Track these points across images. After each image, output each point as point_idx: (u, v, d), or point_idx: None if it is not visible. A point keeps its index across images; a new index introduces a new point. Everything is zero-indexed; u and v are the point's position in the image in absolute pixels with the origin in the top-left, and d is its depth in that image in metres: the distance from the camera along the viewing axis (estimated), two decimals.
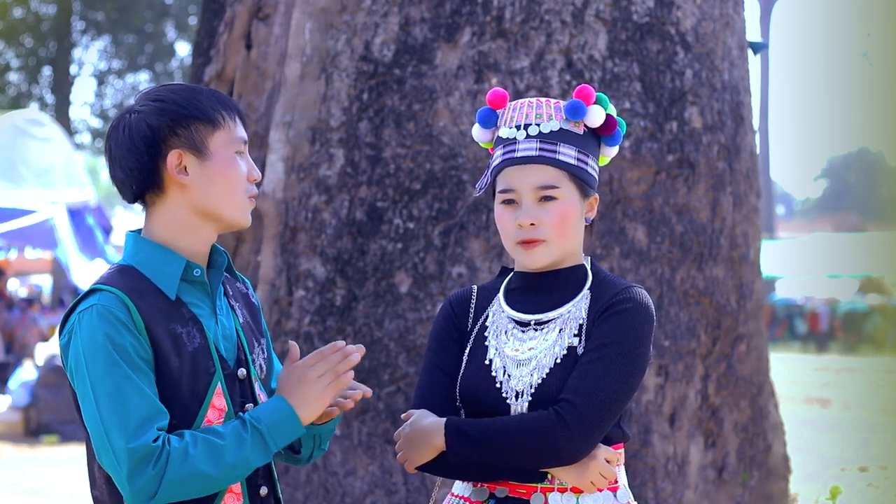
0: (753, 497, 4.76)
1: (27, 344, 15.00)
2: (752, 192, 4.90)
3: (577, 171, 2.44)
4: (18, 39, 26.01)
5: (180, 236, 2.29)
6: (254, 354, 2.39)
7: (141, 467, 2.11)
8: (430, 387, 2.48)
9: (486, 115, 2.53)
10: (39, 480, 8.79)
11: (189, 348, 2.24)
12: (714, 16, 4.69)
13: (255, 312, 2.47)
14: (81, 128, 28.85)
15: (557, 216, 2.42)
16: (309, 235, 4.44)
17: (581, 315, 2.42)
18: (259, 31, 4.71)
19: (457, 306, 2.55)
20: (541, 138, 2.44)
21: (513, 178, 2.44)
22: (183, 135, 2.26)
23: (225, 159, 2.29)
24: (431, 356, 2.51)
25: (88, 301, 2.22)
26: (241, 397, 2.32)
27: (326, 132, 4.46)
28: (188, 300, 2.28)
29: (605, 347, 2.36)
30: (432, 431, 2.37)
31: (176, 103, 2.26)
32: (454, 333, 2.52)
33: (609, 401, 2.33)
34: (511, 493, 2.40)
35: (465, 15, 4.41)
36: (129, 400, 2.14)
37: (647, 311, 2.40)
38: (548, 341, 2.41)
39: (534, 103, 2.48)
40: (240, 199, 2.32)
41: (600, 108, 2.47)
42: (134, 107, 2.29)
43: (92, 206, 12.59)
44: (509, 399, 2.39)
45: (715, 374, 4.61)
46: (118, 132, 2.27)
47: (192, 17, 26.78)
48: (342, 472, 4.31)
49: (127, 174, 2.28)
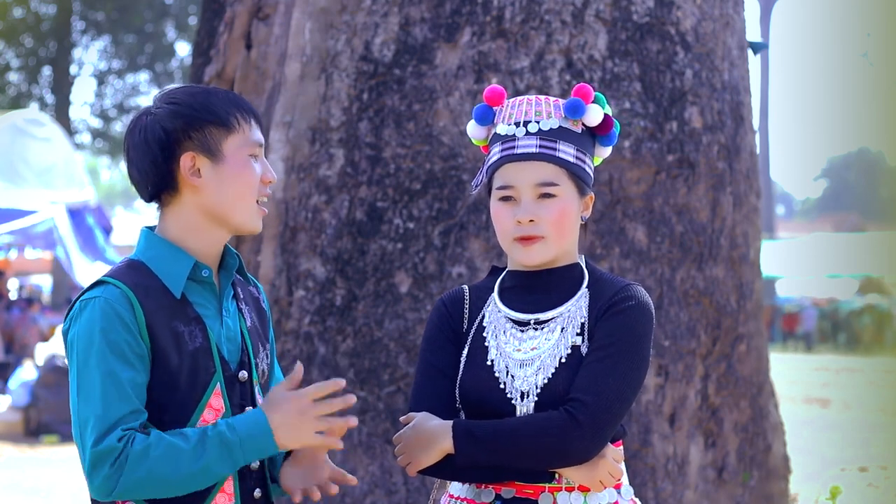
0: (753, 497, 4.76)
1: (27, 344, 15.01)
2: (752, 192, 4.90)
3: (575, 169, 2.43)
4: (18, 39, 26.02)
5: (191, 236, 2.31)
6: (258, 358, 2.40)
7: (100, 466, 2.13)
8: (429, 388, 2.46)
9: (482, 112, 2.52)
10: (39, 480, 8.80)
11: (190, 347, 2.25)
12: (714, 16, 4.69)
13: (263, 318, 2.48)
14: (81, 128, 28.86)
15: (557, 213, 2.41)
16: (309, 235, 4.44)
17: (582, 314, 2.42)
18: (259, 31, 4.71)
19: (451, 306, 2.53)
20: (540, 135, 2.43)
21: (512, 174, 2.43)
22: (196, 138, 2.28)
23: (238, 163, 2.30)
24: (427, 357, 2.49)
25: (93, 292, 2.24)
26: (240, 399, 2.32)
27: (326, 132, 4.46)
28: (194, 300, 2.30)
29: (610, 346, 2.35)
30: (438, 434, 2.35)
31: (190, 106, 2.28)
32: (449, 334, 2.50)
33: (618, 399, 2.33)
34: (518, 493, 2.39)
35: (465, 15, 4.41)
36: (109, 398, 2.15)
37: (648, 309, 2.41)
38: (550, 341, 2.40)
39: (532, 101, 2.48)
40: (250, 204, 2.33)
41: (598, 108, 2.46)
42: (150, 108, 2.32)
43: (92, 206, 12.59)
44: (514, 400, 2.38)
45: (715, 374, 4.61)
46: (134, 134, 2.30)
47: (192, 17, 26.79)
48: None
49: (143, 175, 2.31)
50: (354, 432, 4.30)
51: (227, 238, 2.36)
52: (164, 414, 2.22)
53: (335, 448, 2.28)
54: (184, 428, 2.21)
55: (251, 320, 2.41)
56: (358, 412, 4.30)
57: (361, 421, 4.31)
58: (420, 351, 2.54)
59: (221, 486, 2.27)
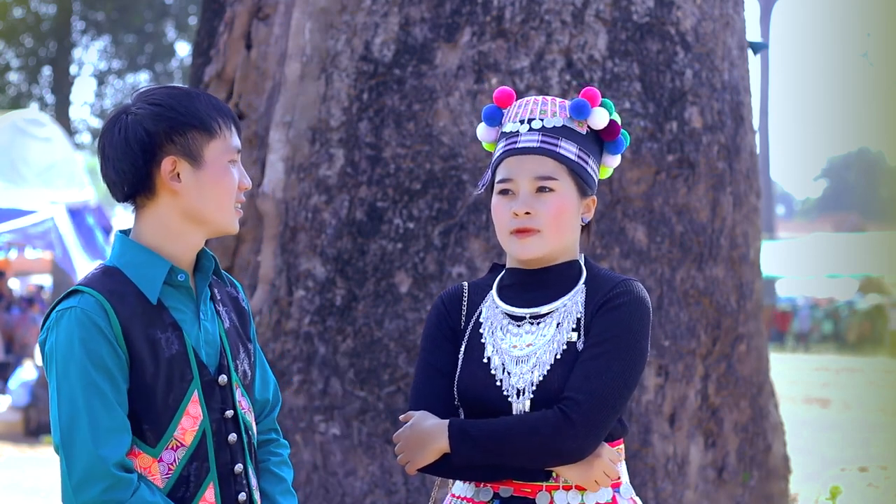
0: (753, 497, 4.76)
1: (27, 344, 15.00)
2: (752, 192, 4.90)
3: (576, 168, 2.43)
4: (18, 39, 26.01)
5: (167, 241, 2.28)
6: (237, 360, 2.37)
7: (92, 482, 2.12)
8: (428, 387, 2.46)
9: (491, 113, 2.53)
10: (39, 480, 8.79)
11: (166, 354, 2.23)
12: (714, 16, 4.69)
13: (244, 317, 2.46)
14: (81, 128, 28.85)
15: (553, 208, 2.41)
16: (309, 235, 4.44)
17: (578, 309, 2.41)
18: (259, 31, 4.71)
19: (449, 304, 2.53)
20: (543, 132, 2.44)
21: (511, 167, 2.44)
22: (179, 142, 2.24)
23: (218, 169, 2.27)
24: (426, 356, 2.50)
25: (69, 302, 2.21)
26: (220, 404, 2.30)
27: (326, 132, 4.46)
28: (171, 305, 2.27)
29: (605, 343, 2.35)
30: (435, 434, 2.36)
31: (174, 109, 2.24)
32: (447, 332, 2.50)
33: (612, 397, 2.32)
34: (516, 492, 2.39)
35: (465, 15, 4.41)
36: (95, 411, 2.14)
37: (644, 304, 2.40)
38: (546, 336, 2.40)
39: (539, 100, 2.49)
40: (229, 208, 2.31)
41: (604, 111, 2.47)
42: (130, 108, 2.27)
43: (92, 206, 12.58)
44: (511, 397, 2.38)
45: (715, 374, 4.61)
46: (113, 133, 2.25)
47: (192, 17, 26.78)
48: (342, 472, 4.31)
49: (119, 175, 2.26)
50: (354, 432, 4.30)
51: (204, 240, 2.33)
52: (141, 423, 2.21)
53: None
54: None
55: (230, 321, 2.39)
56: (358, 412, 4.30)
57: (361, 421, 4.31)
58: (419, 350, 2.54)
59: (203, 494, 2.25)
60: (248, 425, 2.37)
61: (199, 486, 2.26)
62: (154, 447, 2.22)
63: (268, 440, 2.49)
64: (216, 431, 2.28)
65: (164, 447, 2.23)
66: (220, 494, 2.28)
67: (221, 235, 2.34)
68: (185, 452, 2.24)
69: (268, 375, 2.52)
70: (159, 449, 2.22)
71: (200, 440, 2.26)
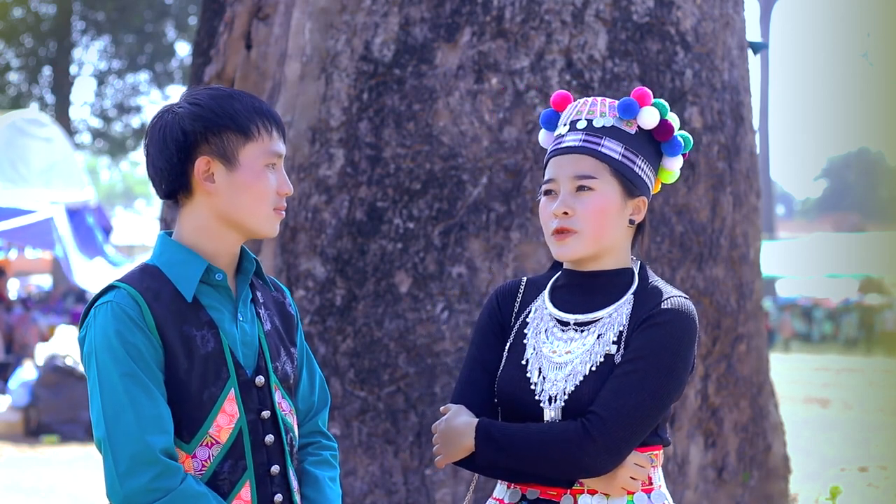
0: (753, 497, 4.76)
1: (27, 344, 14.99)
2: (752, 192, 4.90)
3: (619, 167, 2.40)
4: (18, 39, 26.03)
5: (204, 240, 2.29)
6: (276, 362, 2.37)
7: (140, 469, 2.12)
8: (470, 382, 2.46)
9: (548, 117, 2.52)
10: (39, 480, 8.79)
11: (202, 351, 2.24)
12: (714, 16, 4.70)
13: (288, 321, 2.46)
14: (81, 128, 28.88)
15: (592, 208, 2.37)
16: (309, 235, 4.44)
17: (622, 321, 2.37)
18: (259, 31, 4.71)
19: (502, 300, 2.51)
20: (587, 131, 2.41)
21: (554, 168, 2.42)
22: (214, 142, 2.25)
23: (253, 172, 2.27)
24: (473, 350, 2.49)
25: (105, 297, 2.24)
26: (257, 405, 2.30)
27: (326, 132, 4.46)
28: (207, 303, 2.28)
29: (640, 360, 2.30)
30: (464, 432, 2.36)
31: (212, 110, 2.25)
32: (496, 328, 2.49)
33: (638, 417, 2.28)
34: (542, 494, 2.38)
35: (465, 15, 4.41)
36: (136, 398, 2.15)
37: (687, 324, 2.34)
38: (585, 346, 2.37)
39: (589, 101, 2.46)
40: (264, 212, 2.30)
41: (654, 110, 2.43)
42: (173, 106, 2.30)
43: (92, 206, 12.60)
44: (542, 403, 2.36)
45: (715, 374, 4.61)
46: (154, 131, 2.28)
47: (192, 17, 26.79)
48: (342, 472, 4.31)
49: (158, 173, 2.29)
50: (354, 432, 4.30)
51: (241, 242, 2.34)
52: (175, 418, 2.21)
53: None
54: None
55: (271, 324, 2.39)
56: (358, 412, 4.30)
57: (361, 421, 4.31)
58: (470, 341, 2.54)
59: (238, 493, 2.26)
60: (290, 427, 2.37)
61: (234, 484, 2.26)
62: (188, 443, 2.23)
63: (310, 442, 2.49)
64: (252, 431, 2.28)
65: (198, 444, 2.23)
66: (256, 494, 2.28)
67: (258, 238, 2.35)
68: (221, 450, 2.25)
69: (315, 379, 2.52)
70: (193, 445, 2.23)
71: (236, 439, 2.26)
